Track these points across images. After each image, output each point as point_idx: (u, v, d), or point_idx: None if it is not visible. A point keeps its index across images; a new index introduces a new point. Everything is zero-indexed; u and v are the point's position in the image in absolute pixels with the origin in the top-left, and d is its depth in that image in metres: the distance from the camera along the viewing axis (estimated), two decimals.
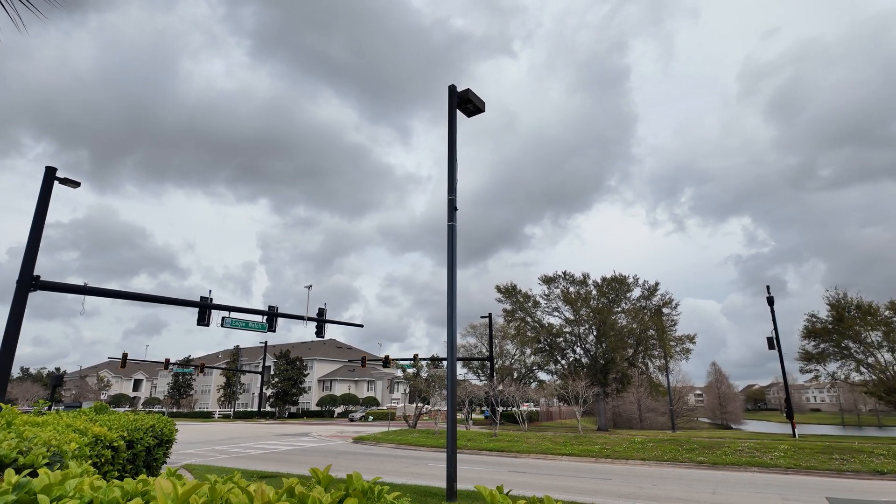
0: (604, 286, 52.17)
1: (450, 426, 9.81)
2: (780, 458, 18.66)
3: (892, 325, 35.49)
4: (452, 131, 11.70)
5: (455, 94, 11.91)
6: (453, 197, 11.28)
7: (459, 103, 12.07)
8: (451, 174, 11.47)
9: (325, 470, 1.66)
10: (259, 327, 27.82)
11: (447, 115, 11.94)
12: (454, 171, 11.49)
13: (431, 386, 42.30)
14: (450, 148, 11.59)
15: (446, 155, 11.63)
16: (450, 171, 11.50)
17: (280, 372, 70.49)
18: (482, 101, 12.27)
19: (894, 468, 16.65)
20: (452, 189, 11.33)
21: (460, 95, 11.93)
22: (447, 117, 11.91)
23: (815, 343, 38.72)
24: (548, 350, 54.12)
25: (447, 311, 10.40)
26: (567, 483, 15.24)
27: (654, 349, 50.56)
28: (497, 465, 19.93)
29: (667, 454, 20.53)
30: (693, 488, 14.37)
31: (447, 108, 12.01)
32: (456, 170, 11.54)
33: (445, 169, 11.60)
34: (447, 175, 11.52)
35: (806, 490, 14.17)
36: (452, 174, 11.46)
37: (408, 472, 17.35)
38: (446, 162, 11.63)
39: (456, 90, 11.87)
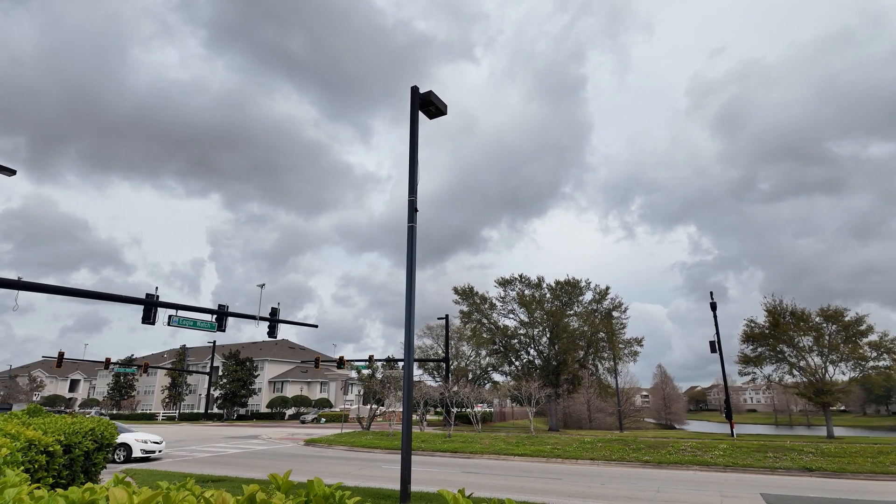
0: (557, 289, 53.32)
1: (405, 428, 9.77)
2: (720, 457, 19.57)
3: (821, 330, 37.86)
4: (414, 133, 11.68)
5: (417, 96, 11.89)
6: (414, 198, 11.24)
7: (422, 105, 12.05)
8: (412, 175, 11.44)
9: (284, 475, 1.62)
10: (208, 326, 26.89)
11: (409, 116, 11.91)
12: (415, 173, 11.46)
13: (386, 387, 41.96)
14: (411, 149, 11.56)
15: (407, 156, 11.59)
16: (411, 172, 11.46)
17: (229, 373, 68.35)
18: (444, 103, 12.30)
19: (821, 465, 17.75)
20: (413, 190, 11.29)
21: (423, 97, 11.91)
22: (409, 118, 11.88)
23: (753, 347, 40.83)
24: (502, 351, 54.81)
25: (405, 312, 10.35)
26: (519, 483, 15.46)
27: (603, 351, 52.07)
28: (451, 465, 19.99)
29: (614, 454, 21.15)
30: (639, 487, 14.87)
31: (409, 109, 11.97)
32: (417, 171, 11.51)
33: (406, 169, 11.56)
34: (408, 176, 11.47)
35: (742, 487, 14.91)
36: (413, 175, 11.43)
37: (361, 474, 17.17)
38: (407, 162, 11.59)
39: (418, 92, 11.85)
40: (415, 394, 39.52)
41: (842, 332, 37.10)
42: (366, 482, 14.83)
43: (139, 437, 20.43)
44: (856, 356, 36.61)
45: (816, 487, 14.90)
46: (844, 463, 17.92)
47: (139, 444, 19.98)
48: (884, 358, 36.38)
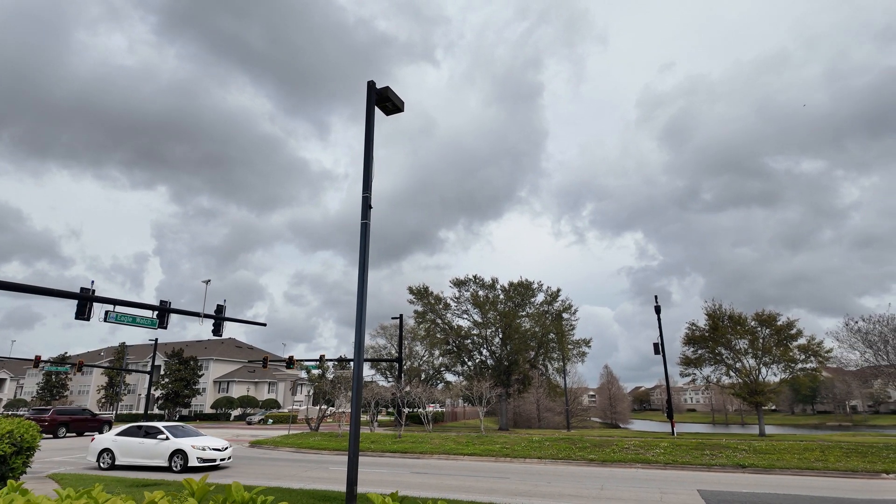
0: (511, 291, 54.01)
1: (353, 428, 9.58)
2: (661, 455, 20.29)
3: (756, 334, 39.99)
4: (370, 128, 11.49)
5: (374, 91, 11.71)
6: (368, 195, 11.06)
7: (378, 100, 11.88)
8: (367, 171, 11.25)
9: (200, 480, 1.49)
10: (149, 323, 25.62)
11: (366, 112, 11.71)
12: (370, 169, 11.28)
13: (337, 388, 41.25)
14: (366, 144, 11.38)
15: (363, 152, 11.40)
16: (366, 168, 11.28)
17: (171, 372, 65.53)
18: (401, 100, 12.16)
19: (754, 462, 18.70)
20: (368, 186, 11.11)
21: (379, 92, 11.74)
22: (366, 115, 11.68)
23: (694, 349, 42.67)
24: (456, 352, 55.02)
25: (356, 311, 10.16)
26: (467, 483, 15.50)
27: (553, 352, 53.14)
28: (400, 466, 19.84)
29: (561, 452, 21.58)
30: (584, 485, 15.19)
31: (366, 106, 11.77)
32: (372, 167, 11.33)
33: (362, 168, 11.37)
34: (363, 172, 11.28)
35: (681, 483, 15.50)
36: (368, 171, 11.24)
37: (307, 476, 16.77)
38: (363, 162, 11.40)
39: (375, 86, 11.68)
40: (366, 394, 39.03)
41: (774, 336, 39.31)
42: (311, 484, 14.48)
43: (197, 442, 18.04)
44: (786, 359, 38.86)
45: (749, 483, 15.66)
46: (774, 459, 18.94)
47: (195, 452, 17.62)
48: (811, 360, 38.79)
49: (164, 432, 18.42)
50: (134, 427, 19.21)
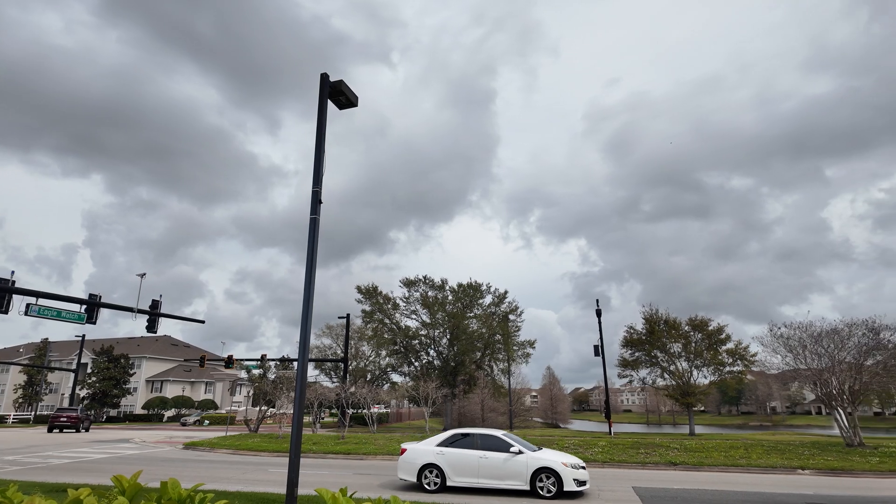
0: (460, 292, 54.39)
1: (295, 428, 9.33)
2: (598, 454, 20.96)
3: (689, 338, 42.13)
4: (322, 121, 11.26)
5: (327, 84, 11.49)
6: (318, 189, 10.83)
7: (331, 94, 11.66)
8: (318, 166, 11.02)
9: (131, 478, 1.39)
10: (76, 318, 24.06)
11: (318, 105, 11.47)
12: (321, 163, 11.05)
13: (279, 388, 40.10)
14: (318, 138, 11.14)
15: (314, 147, 11.16)
16: (316, 162, 11.04)
17: (100, 370, 61.71)
18: (355, 95, 11.99)
19: (685, 460, 19.65)
20: (318, 181, 10.87)
21: (333, 85, 11.53)
22: (318, 108, 11.44)
23: (632, 352, 44.47)
24: (403, 352, 54.80)
25: (302, 308, 9.91)
26: None
27: (499, 353, 53.93)
28: (343, 467, 19.53)
29: None
30: None
31: (318, 99, 11.53)
32: (323, 162, 11.10)
33: (313, 164, 11.13)
34: (314, 166, 11.04)
35: (617, 481, 16.06)
36: (319, 166, 11.01)
37: (245, 478, 16.20)
38: (314, 156, 11.16)
39: (328, 79, 11.46)
40: (310, 395, 38.15)
41: (706, 340, 41.56)
42: (249, 486, 14.00)
43: (563, 458, 13.54)
44: (716, 362, 41.17)
45: (680, 480, 16.43)
46: (703, 457, 19.96)
47: (569, 472, 13.02)
48: (738, 364, 41.28)
49: (514, 443, 13.81)
50: (458, 435, 14.59)
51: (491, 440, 13.88)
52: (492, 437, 13.99)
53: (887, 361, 22.62)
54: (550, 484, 12.84)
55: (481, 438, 13.98)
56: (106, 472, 17.44)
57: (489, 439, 13.92)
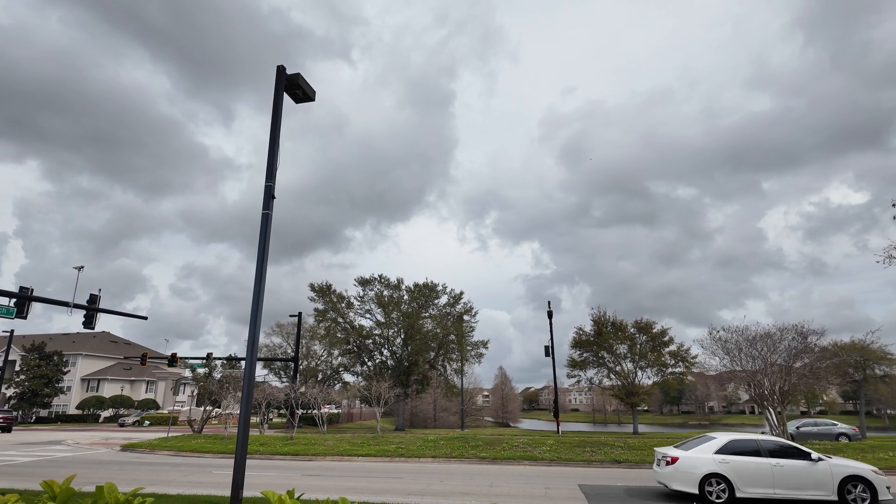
0: (415, 292, 54.29)
1: (242, 428, 9.08)
2: (547, 452, 21.42)
3: (635, 340, 43.68)
4: (277, 114, 11.02)
5: (284, 76, 11.24)
6: (272, 184, 10.58)
7: (288, 87, 11.42)
8: (272, 159, 10.77)
9: (64, 482, 1.32)
10: (4, 312, 22.49)
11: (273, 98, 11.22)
12: (275, 157, 10.81)
13: (225, 388, 38.83)
14: (272, 131, 10.89)
15: (268, 141, 10.90)
16: (270, 155, 10.79)
17: (30, 368, 57.93)
18: (312, 89, 11.79)
19: (628, 457, 20.35)
20: (271, 175, 10.63)
21: (289, 78, 11.29)
22: (273, 101, 11.18)
23: (580, 352, 45.70)
24: (356, 351, 54.18)
25: (252, 305, 9.65)
26: (361, 484, 15.31)
27: (453, 353, 54.18)
28: (291, 469, 19.13)
29: (455, 451, 22.03)
30: (474, 482, 15.63)
31: (274, 91, 11.28)
32: (277, 156, 10.87)
33: (266, 158, 10.87)
34: (267, 160, 10.79)
35: (564, 479, 16.47)
36: (273, 160, 10.76)
37: (187, 481, 15.62)
38: (268, 150, 10.90)
39: (285, 72, 11.22)
40: (258, 395, 37.19)
41: (650, 342, 43.21)
42: (192, 489, 13.51)
43: (872, 467, 12.47)
44: (659, 363, 42.87)
45: (623, 477, 17.02)
46: (645, 455, 20.72)
47: (882, 480, 11.93)
48: (679, 365, 43.12)
49: (809, 450, 12.66)
50: (737, 441, 13.02)
51: (777, 446, 12.73)
52: (778, 443, 12.86)
53: (813, 364, 24.20)
54: (861, 492, 11.74)
55: (765, 444, 12.74)
56: (35, 476, 16.41)
57: (775, 445, 12.77)
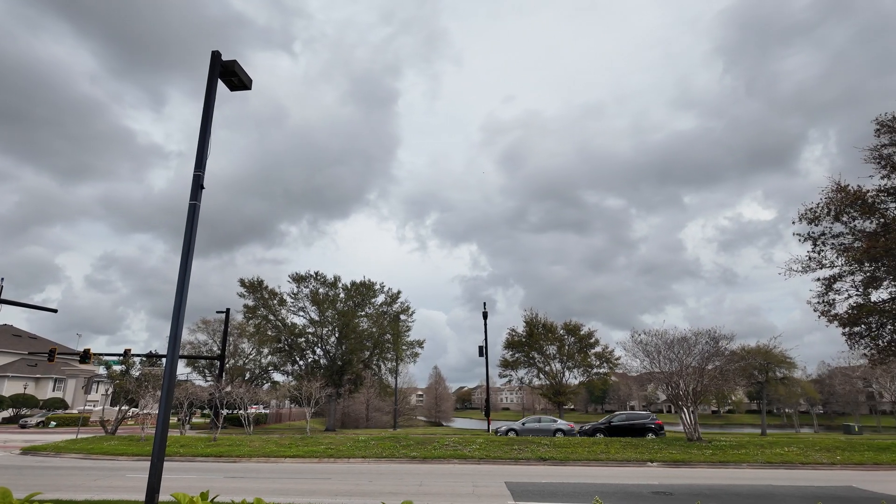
0: (352, 290, 53.59)
1: (160, 429, 8.64)
2: (476, 451, 21.81)
3: (563, 341, 45.36)
4: (210, 101, 10.59)
5: (219, 62, 10.82)
6: (201, 173, 10.14)
7: (223, 73, 11.00)
8: (202, 148, 10.33)
9: None
10: None
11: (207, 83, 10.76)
12: (206, 146, 10.37)
13: (143, 386, 36.60)
14: (204, 118, 10.46)
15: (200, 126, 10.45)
16: (201, 143, 10.35)
17: None
18: (249, 78, 11.43)
19: (553, 455, 21.08)
20: (201, 164, 10.19)
21: (225, 65, 10.89)
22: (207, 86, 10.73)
23: (512, 353, 46.91)
24: (287, 350, 52.74)
25: (175, 299, 9.21)
26: (287, 485, 14.95)
27: (388, 352, 53.94)
28: (213, 471, 18.35)
29: (385, 451, 21.97)
30: (404, 482, 15.66)
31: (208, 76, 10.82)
32: (208, 144, 10.44)
33: (196, 147, 10.42)
34: (197, 148, 10.34)
35: (492, 477, 16.83)
36: (203, 148, 10.33)
37: (97, 485, 14.63)
38: (198, 137, 10.45)
39: (220, 57, 10.81)
40: (179, 394, 35.39)
41: (577, 344, 45.04)
42: (102, 494, 12.67)
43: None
44: (585, 364, 44.77)
45: (548, 474, 17.63)
46: (569, 452, 21.56)
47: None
48: (603, 366, 45.20)
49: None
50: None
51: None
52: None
53: (724, 367, 26.14)
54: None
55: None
56: None
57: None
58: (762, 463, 19.91)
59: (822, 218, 11.54)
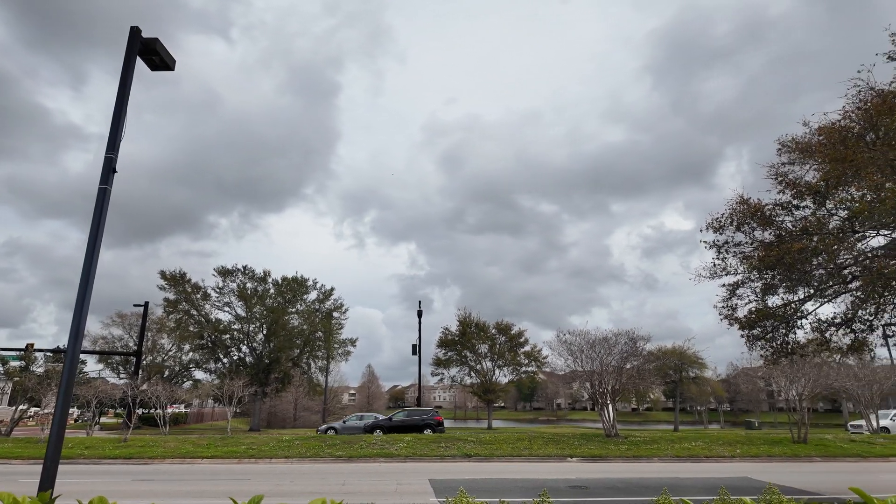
0: (283, 286, 51.99)
1: (55, 429, 8.00)
2: (403, 449, 21.80)
3: (495, 340, 46.30)
4: (126, 79, 9.94)
5: (138, 39, 10.20)
6: (113, 156, 9.53)
7: (143, 51, 10.37)
8: (116, 129, 9.70)
9: None
10: None
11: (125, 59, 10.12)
12: (120, 126, 9.74)
13: (46, 384, 33.74)
14: (119, 98, 9.81)
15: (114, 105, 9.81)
16: (114, 124, 9.72)
17: None
18: (172, 58, 10.84)
19: (478, 452, 21.46)
20: (114, 146, 9.57)
21: (146, 43, 10.28)
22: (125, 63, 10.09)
23: (445, 351, 47.34)
24: (210, 347, 50.38)
25: (79, 288, 8.58)
26: (201, 487, 14.30)
27: (319, 350, 52.81)
28: (122, 474, 17.23)
29: (310, 451, 21.50)
30: (327, 481, 15.40)
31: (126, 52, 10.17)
32: (123, 125, 9.81)
33: (110, 127, 9.79)
34: (110, 128, 9.70)
35: (416, 475, 16.89)
36: (117, 129, 9.70)
37: None
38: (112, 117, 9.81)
39: (140, 34, 10.19)
40: (88, 392, 32.96)
41: (508, 343, 46.11)
42: None
43: None
44: (515, 362, 45.92)
45: (472, 471, 17.92)
46: (494, 449, 22.04)
47: None
48: (532, 365, 46.55)
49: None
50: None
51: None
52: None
53: (641, 366, 27.64)
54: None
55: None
56: None
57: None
58: (671, 457, 21.24)
59: (725, 227, 12.46)
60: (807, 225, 11.21)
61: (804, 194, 11.45)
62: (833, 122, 10.99)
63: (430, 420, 30.74)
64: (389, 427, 29.87)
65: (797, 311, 12.77)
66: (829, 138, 10.92)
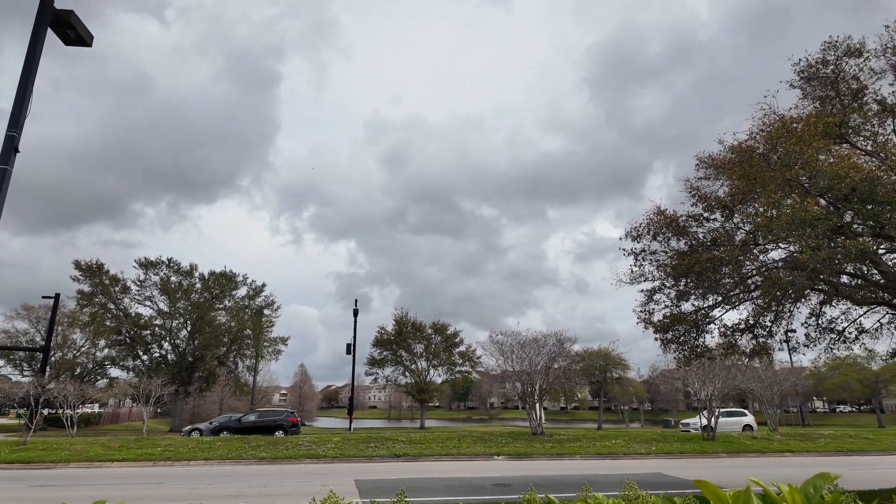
0: (210, 280, 49.80)
1: None
2: (331, 450, 21.44)
3: (431, 340, 46.54)
4: (34, 52, 9.20)
5: (50, 10, 9.47)
6: (16, 133, 8.80)
7: (56, 23, 9.64)
8: (20, 105, 8.96)
9: None
10: None
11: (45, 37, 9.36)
12: (25, 102, 9.02)
13: None
14: (24, 72, 9.08)
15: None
16: (18, 100, 8.98)
17: None
18: (90, 33, 10.14)
19: (407, 452, 21.45)
20: (17, 123, 8.84)
21: (59, 14, 9.56)
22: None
23: (380, 351, 47.06)
24: (128, 343, 47.41)
25: None
26: (107, 492, 13.40)
27: (247, 349, 50.96)
28: (17, 479, 15.89)
29: (232, 452, 20.71)
30: (248, 483, 14.90)
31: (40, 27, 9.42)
32: (29, 101, 9.09)
33: (13, 102, 9.05)
34: (13, 104, 8.95)
35: (343, 476, 16.65)
36: (21, 104, 8.97)
37: None
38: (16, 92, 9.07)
39: (52, 4, 9.47)
40: None
41: (444, 343, 46.51)
42: None
43: None
44: (449, 362, 46.38)
45: (399, 470, 17.89)
46: (423, 448, 22.12)
47: None
48: (466, 365, 47.17)
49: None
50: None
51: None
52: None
53: (567, 366, 28.68)
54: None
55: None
56: None
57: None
58: (593, 454, 22.16)
59: (643, 236, 13.19)
60: (716, 236, 12.11)
61: (714, 208, 12.37)
62: (741, 141, 11.96)
63: (282, 421, 29.64)
64: (237, 429, 28.68)
65: (707, 316, 13.74)
66: (739, 157, 11.85)
